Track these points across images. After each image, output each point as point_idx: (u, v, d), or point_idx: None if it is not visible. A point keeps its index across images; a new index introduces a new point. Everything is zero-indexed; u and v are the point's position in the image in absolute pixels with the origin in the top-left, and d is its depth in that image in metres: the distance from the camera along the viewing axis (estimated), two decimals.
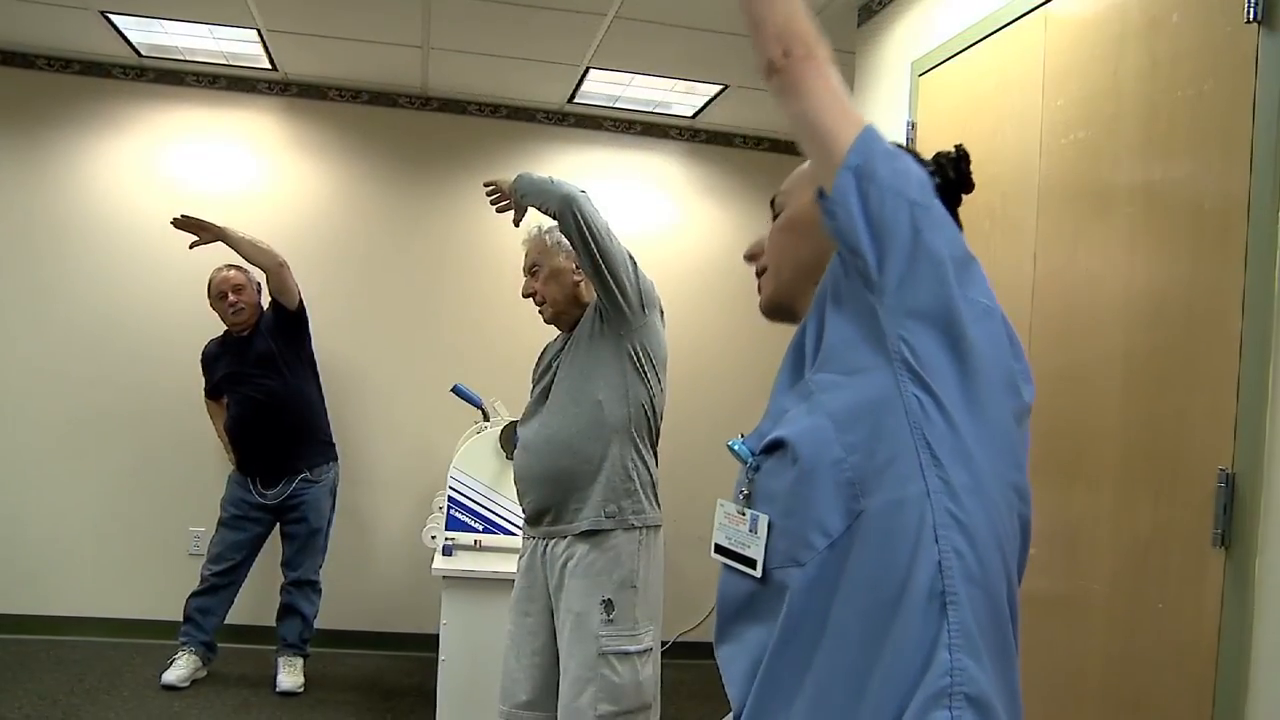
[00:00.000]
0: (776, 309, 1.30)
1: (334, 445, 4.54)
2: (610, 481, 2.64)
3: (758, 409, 1.19)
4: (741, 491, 1.14)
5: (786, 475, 1.08)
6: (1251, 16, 1.87)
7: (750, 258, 1.34)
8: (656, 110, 5.26)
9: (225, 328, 4.45)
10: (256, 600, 4.62)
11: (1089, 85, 2.37)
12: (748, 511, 1.12)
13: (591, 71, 4.70)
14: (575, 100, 5.13)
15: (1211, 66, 1.99)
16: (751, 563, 1.10)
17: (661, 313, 2.79)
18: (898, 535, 1.01)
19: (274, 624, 4.44)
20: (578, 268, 2.79)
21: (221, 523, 4.37)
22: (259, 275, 4.38)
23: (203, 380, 4.53)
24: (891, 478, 1.03)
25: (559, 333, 2.94)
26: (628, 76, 4.77)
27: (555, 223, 2.73)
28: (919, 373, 1.04)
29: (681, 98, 5.02)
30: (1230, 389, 1.89)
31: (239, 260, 4.32)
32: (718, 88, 4.78)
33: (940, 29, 3.11)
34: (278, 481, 4.34)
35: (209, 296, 4.37)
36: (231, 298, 4.32)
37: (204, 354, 4.51)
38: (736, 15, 1.17)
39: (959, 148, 1.26)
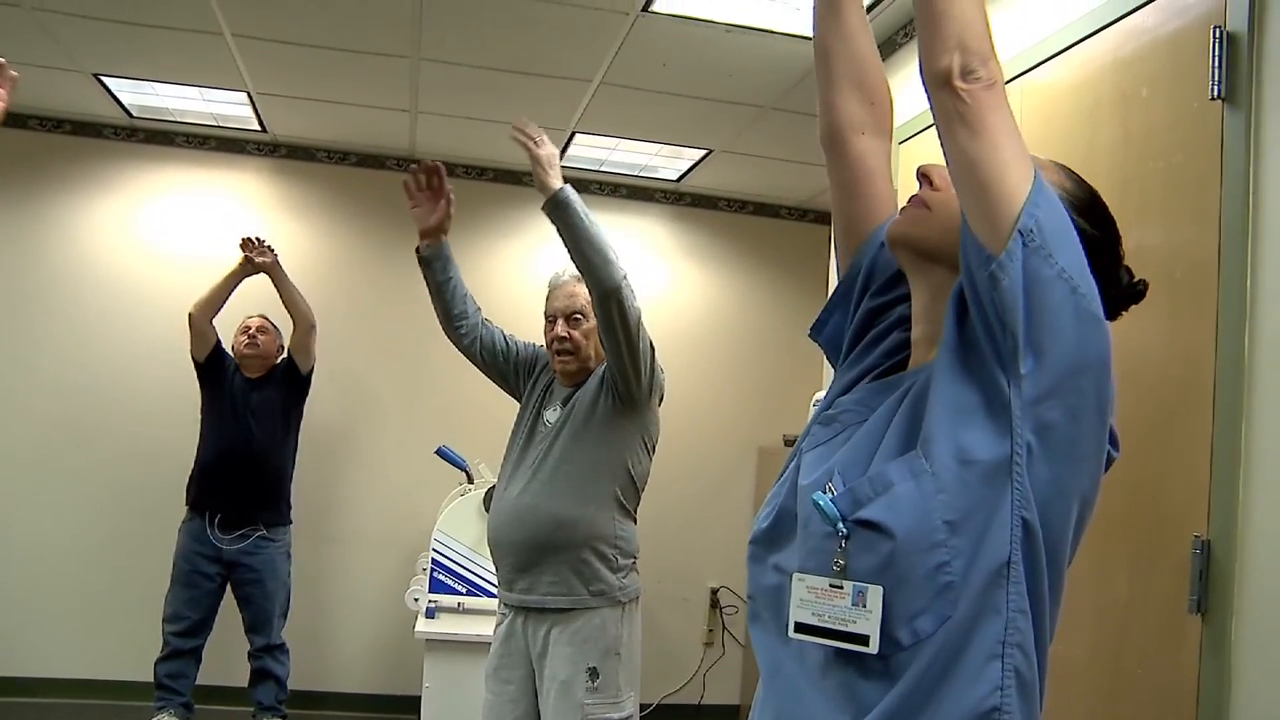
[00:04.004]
0: (904, 247, 1.22)
1: (291, 509, 4.46)
2: (598, 559, 2.62)
3: (743, 470, 1.18)
4: (836, 563, 1.03)
5: (878, 556, 1.01)
6: (1215, 94, 1.92)
7: (924, 178, 1.23)
8: (642, 174, 5.33)
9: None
10: (228, 661, 4.54)
11: (1065, 157, 2.40)
12: (846, 584, 1.02)
13: (578, 135, 4.77)
14: (562, 163, 5.18)
15: (1180, 141, 2.04)
16: (862, 639, 1.00)
17: (661, 397, 2.79)
18: (971, 649, 0.99)
19: (246, 686, 4.36)
20: None
21: (174, 579, 4.26)
22: (284, 339, 4.47)
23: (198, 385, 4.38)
24: (980, 588, 0.99)
25: (539, 373, 2.91)
26: (613, 141, 4.84)
27: None
28: (1027, 494, 1.00)
29: (667, 161, 5.10)
30: (1204, 456, 1.91)
31: (272, 315, 4.47)
32: (702, 152, 4.86)
33: (918, 99, 3.17)
34: (236, 529, 4.22)
35: (235, 335, 4.43)
36: (253, 333, 4.38)
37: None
38: (720, 83, 1.17)
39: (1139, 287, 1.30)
